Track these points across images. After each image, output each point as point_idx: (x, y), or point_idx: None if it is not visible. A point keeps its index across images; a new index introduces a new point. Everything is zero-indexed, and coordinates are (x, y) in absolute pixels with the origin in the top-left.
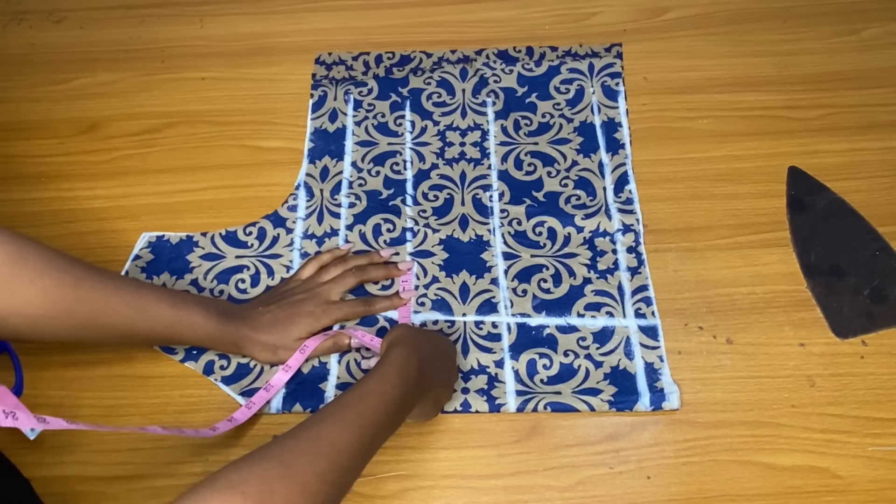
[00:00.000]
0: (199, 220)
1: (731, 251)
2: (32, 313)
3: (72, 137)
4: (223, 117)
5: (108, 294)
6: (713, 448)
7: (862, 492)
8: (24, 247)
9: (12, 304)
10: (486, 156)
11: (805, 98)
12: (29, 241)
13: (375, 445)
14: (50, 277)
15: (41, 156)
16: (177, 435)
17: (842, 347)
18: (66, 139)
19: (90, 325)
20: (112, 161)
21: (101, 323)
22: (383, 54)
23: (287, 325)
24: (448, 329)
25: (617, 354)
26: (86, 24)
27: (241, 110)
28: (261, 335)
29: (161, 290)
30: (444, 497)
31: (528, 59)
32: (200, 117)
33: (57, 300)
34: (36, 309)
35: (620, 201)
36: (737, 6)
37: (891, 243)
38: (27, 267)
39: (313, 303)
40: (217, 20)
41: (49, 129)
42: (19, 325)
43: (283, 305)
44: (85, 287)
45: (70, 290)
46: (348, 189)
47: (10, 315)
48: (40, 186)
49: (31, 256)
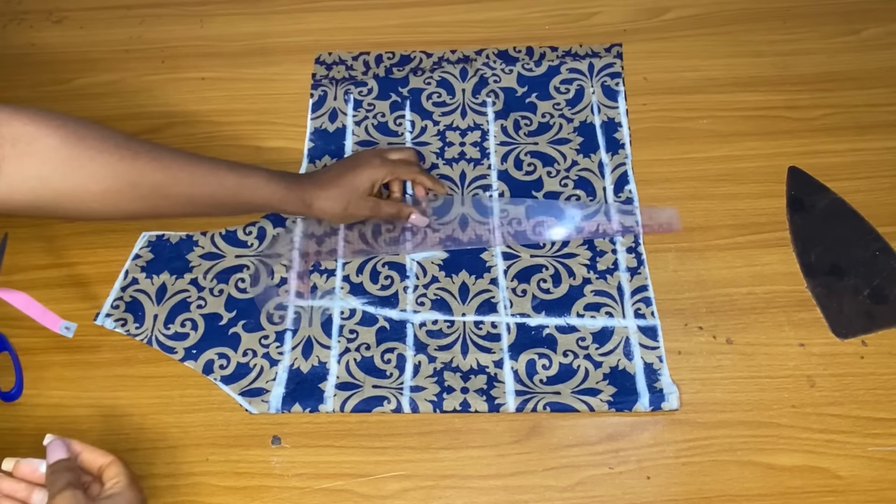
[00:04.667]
0: (198, 220)
1: (731, 251)
2: (98, 189)
3: None
4: (223, 117)
5: (168, 163)
6: (713, 448)
7: (862, 492)
8: (81, 128)
9: (78, 182)
10: (486, 156)
11: (805, 98)
12: (83, 122)
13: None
14: (109, 153)
15: None
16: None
17: (842, 347)
18: None
19: (155, 195)
20: None
21: (165, 193)
22: (383, 54)
23: (350, 177)
24: (448, 329)
25: (616, 355)
26: (86, 24)
27: (241, 110)
28: (329, 190)
29: (218, 160)
30: (444, 497)
31: (528, 59)
32: (200, 117)
33: (119, 174)
34: (100, 184)
35: (620, 201)
36: (737, 6)
37: (891, 243)
38: (86, 146)
39: (370, 153)
40: (217, 20)
41: None
42: (91, 202)
43: (344, 162)
44: (144, 159)
45: (130, 162)
46: None
47: (79, 192)
48: None
49: (88, 136)
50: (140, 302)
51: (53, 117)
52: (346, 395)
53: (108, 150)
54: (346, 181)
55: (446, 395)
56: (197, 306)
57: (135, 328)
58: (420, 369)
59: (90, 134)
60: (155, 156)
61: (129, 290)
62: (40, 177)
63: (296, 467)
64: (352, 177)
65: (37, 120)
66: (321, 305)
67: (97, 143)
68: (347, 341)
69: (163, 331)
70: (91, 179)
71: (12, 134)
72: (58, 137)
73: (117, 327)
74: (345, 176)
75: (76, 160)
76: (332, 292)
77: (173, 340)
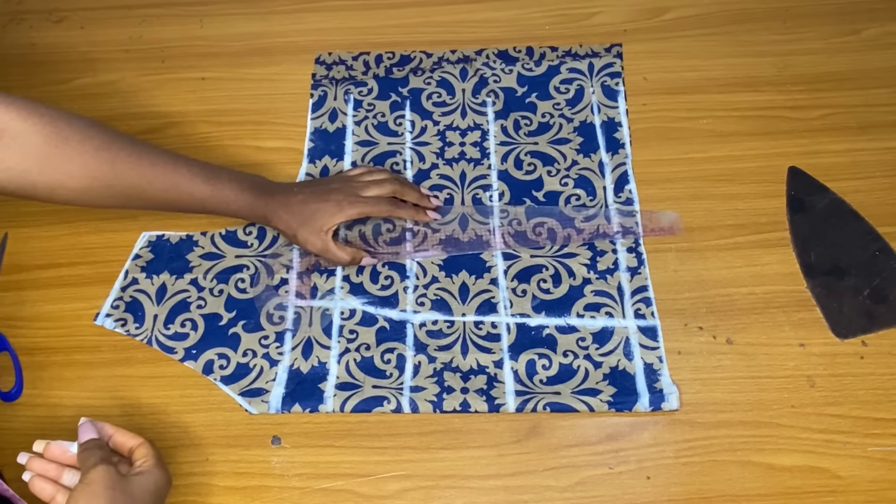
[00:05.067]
0: (198, 220)
1: (731, 251)
2: (76, 186)
3: None
4: (223, 117)
5: (144, 171)
6: (713, 448)
7: (862, 492)
8: (65, 127)
9: (56, 179)
10: (486, 156)
11: (805, 98)
12: (69, 120)
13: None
14: (89, 155)
15: None
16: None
17: (842, 347)
18: None
19: (129, 196)
20: None
21: (139, 196)
22: (383, 54)
23: (314, 210)
24: (447, 329)
25: (616, 355)
26: (86, 24)
27: (241, 110)
28: (288, 213)
29: (196, 166)
30: (444, 497)
31: (528, 59)
32: (200, 117)
33: (96, 176)
34: (78, 183)
35: (620, 201)
36: (737, 6)
37: (891, 243)
38: (67, 145)
39: (343, 193)
40: (217, 20)
41: None
42: (67, 196)
43: (317, 191)
44: (122, 165)
45: (108, 166)
46: None
47: (55, 187)
48: None
49: (71, 137)
50: (140, 302)
51: (41, 113)
52: (345, 395)
53: (87, 152)
54: (308, 210)
55: (446, 395)
56: (197, 306)
57: (135, 328)
58: (420, 369)
59: (74, 135)
60: (134, 160)
61: (129, 290)
62: (19, 169)
63: (296, 467)
64: (315, 208)
65: (24, 114)
66: (321, 306)
67: (79, 144)
68: (347, 341)
69: (163, 331)
70: (68, 178)
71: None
72: (42, 136)
73: (117, 327)
74: (309, 205)
75: (56, 159)
76: (332, 292)
77: (173, 340)
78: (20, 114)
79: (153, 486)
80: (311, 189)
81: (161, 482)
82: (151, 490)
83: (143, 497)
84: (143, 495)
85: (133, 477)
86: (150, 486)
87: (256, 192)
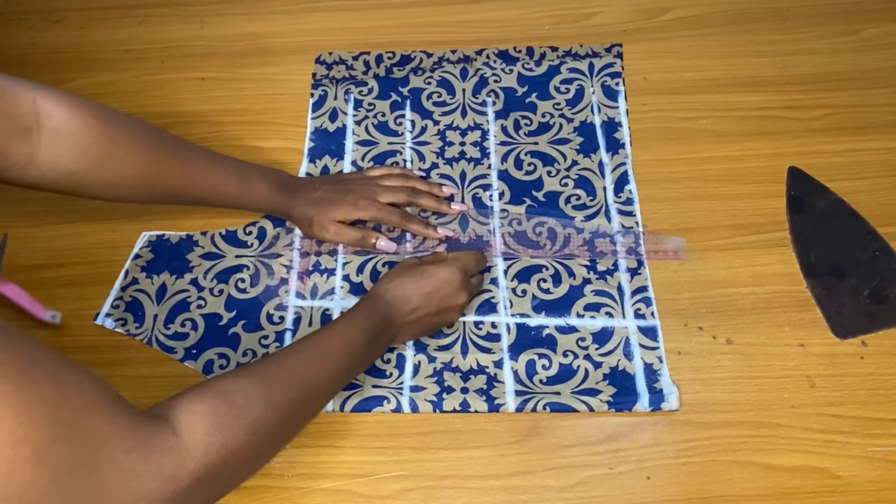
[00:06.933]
0: (199, 220)
1: (730, 251)
2: (122, 185)
3: None
4: (223, 117)
5: (186, 171)
6: (713, 448)
7: (862, 492)
8: (115, 126)
9: (104, 177)
10: (486, 155)
11: (805, 98)
12: (119, 119)
13: (340, 383)
14: (137, 156)
15: None
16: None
17: (842, 348)
18: None
19: (169, 195)
20: None
21: (178, 194)
22: (384, 54)
23: (329, 204)
24: (447, 329)
25: (616, 355)
26: (86, 24)
27: (241, 110)
28: (306, 208)
29: (230, 165)
30: (444, 497)
31: (529, 59)
32: (200, 117)
33: (141, 175)
34: (123, 181)
35: (620, 201)
36: (737, 6)
37: (891, 243)
38: (116, 146)
39: (360, 193)
40: (217, 20)
41: None
42: (110, 194)
43: (336, 188)
44: (166, 166)
45: (153, 168)
46: None
47: (102, 186)
48: None
49: (120, 135)
50: (140, 302)
51: (93, 112)
52: (345, 394)
53: (136, 153)
54: (323, 207)
55: (446, 395)
56: (197, 306)
57: (135, 328)
58: (420, 369)
59: (123, 135)
60: (176, 161)
61: (129, 290)
62: (70, 168)
63: (296, 467)
64: (330, 204)
65: (77, 113)
66: (321, 306)
67: (128, 145)
68: None
69: (163, 331)
70: (115, 176)
71: (52, 126)
72: (93, 136)
73: (117, 327)
74: (327, 201)
75: (105, 159)
76: (332, 292)
77: (173, 340)
78: (73, 112)
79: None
80: (331, 185)
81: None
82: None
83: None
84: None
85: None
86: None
87: (283, 190)
